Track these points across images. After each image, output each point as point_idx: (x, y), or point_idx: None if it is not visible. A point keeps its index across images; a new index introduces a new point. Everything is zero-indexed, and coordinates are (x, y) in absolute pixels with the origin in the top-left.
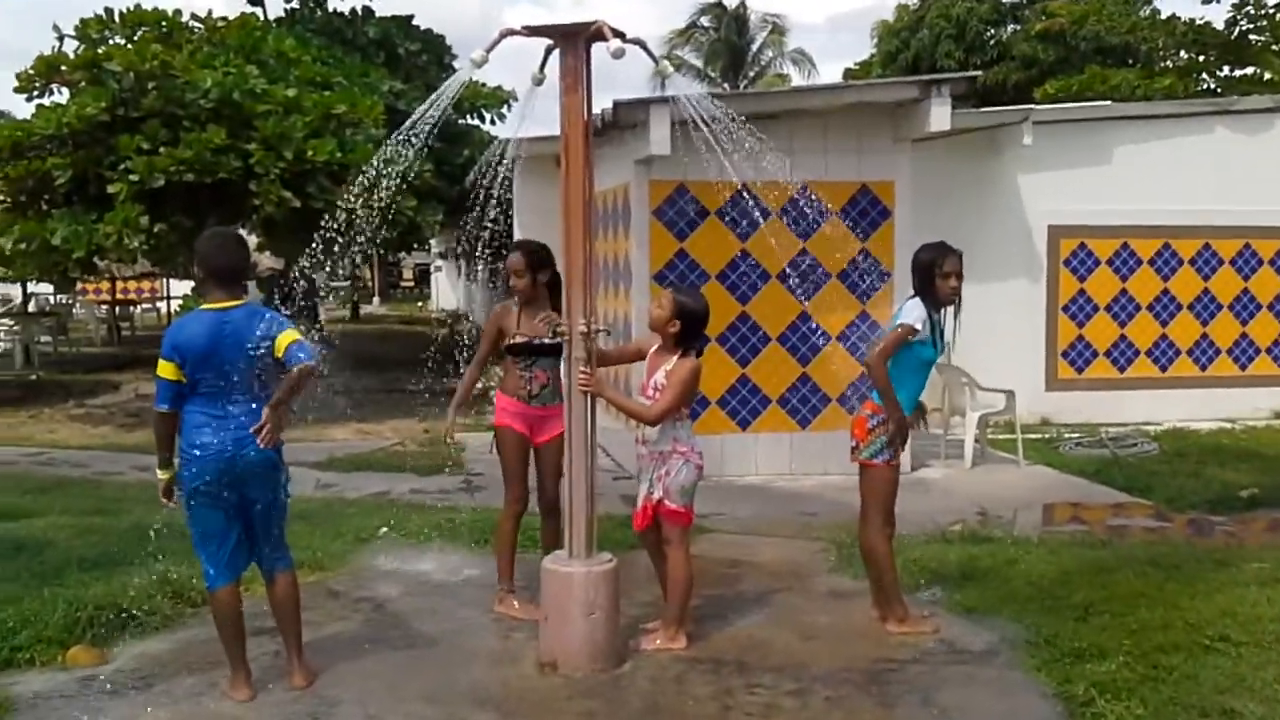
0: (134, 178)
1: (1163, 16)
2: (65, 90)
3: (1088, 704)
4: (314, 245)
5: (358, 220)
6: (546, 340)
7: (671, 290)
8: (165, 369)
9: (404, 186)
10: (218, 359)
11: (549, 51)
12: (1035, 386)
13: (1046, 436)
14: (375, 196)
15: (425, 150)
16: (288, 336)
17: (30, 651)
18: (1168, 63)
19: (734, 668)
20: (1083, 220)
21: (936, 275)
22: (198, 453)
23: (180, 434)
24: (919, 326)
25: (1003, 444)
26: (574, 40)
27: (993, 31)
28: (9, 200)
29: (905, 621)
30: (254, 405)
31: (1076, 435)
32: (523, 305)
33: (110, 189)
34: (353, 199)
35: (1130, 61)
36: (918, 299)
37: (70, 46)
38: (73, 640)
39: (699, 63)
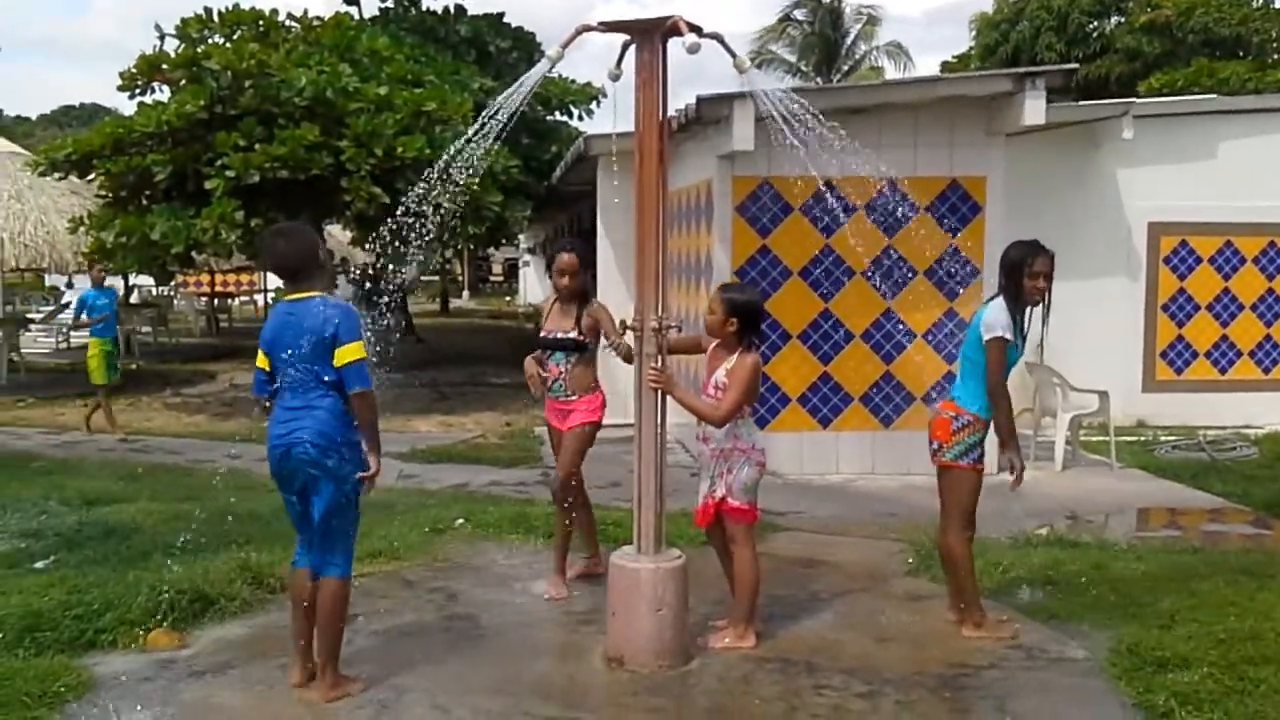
0: (230, 174)
1: (1276, 6)
2: (165, 88)
3: (1168, 715)
4: (396, 238)
5: (435, 212)
6: (559, 335)
7: (719, 290)
8: (259, 357)
9: (489, 181)
10: (280, 349)
11: (625, 47)
12: (1131, 387)
13: (1142, 439)
14: (451, 188)
15: (510, 146)
16: (349, 352)
17: (113, 634)
18: None
19: (803, 668)
20: (1185, 217)
21: (1025, 274)
22: (270, 441)
23: None
24: (1009, 336)
25: (1095, 446)
26: (649, 35)
27: (1095, 24)
28: (110, 195)
29: (982, 626)
30: (310, 402)
31: (1173, 438)
32: (559, 301)
33: (207, 185)
34: (430, 191)
35: (1241, 54)
36: (1000, 300)
37: (171, 45)
38: (154, 624)
39: (792, 57)
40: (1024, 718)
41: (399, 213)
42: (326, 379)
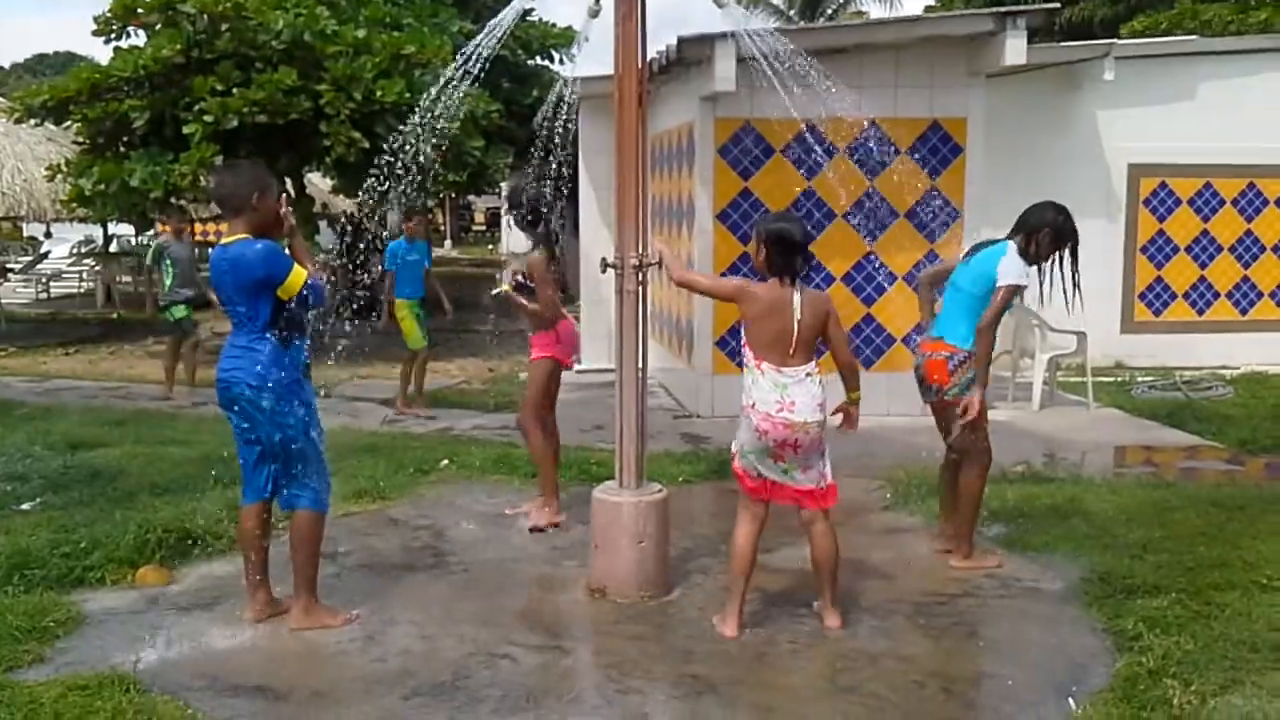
0: (208, 119)
1: None
2: (141, 33)
3: (1136, 638)
4: (377, 186)
5: (415, 158)
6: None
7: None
8: None
9: (470, 126)
10: (220, 293)
11: None
12: (1110, 329)
13: (1119, 380)
14: (431, 133)
15: (492, 91)
16: (292, 284)
17: (102, 571)
18: None
19: (782, 598)
20: (1165, 159)
21: (1057, 240)
22: (217, 375)
23: None
24: (1024, 283)
25: (1073, 387)
26: None
27: None
28: (88, 142)
29: (970, 557)
30: (251, 344)
31: (1150, 379)
32: None
33: (185, 130)
34: (411, 135)
35: None
36: (1014, 248)
37: None
38: (142, 561)
39: (779, 1)
40: (997, 642)
41: (379, 159)
42: (261, 320)
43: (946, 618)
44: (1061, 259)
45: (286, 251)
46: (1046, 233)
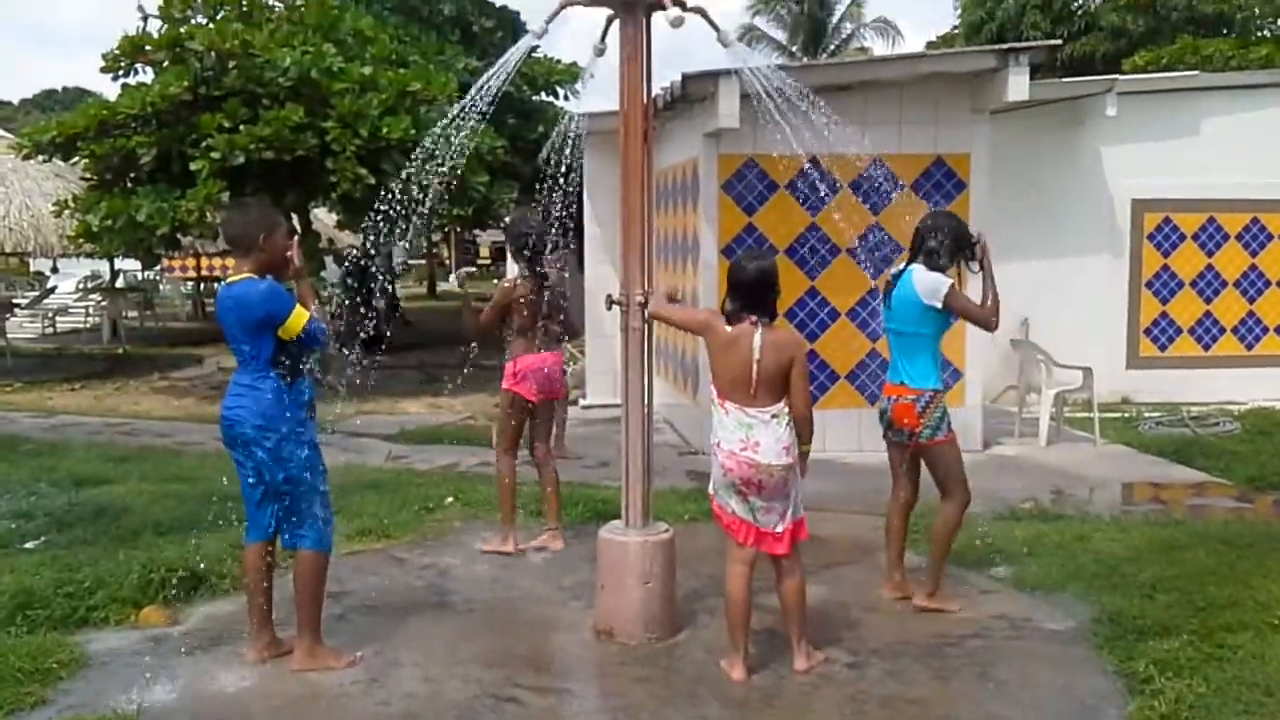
0: (215, 155)
1: None
2: (149, 70)
3: (1148, 681)
4: (381, 218)
5: (421, 193)
6: None
7: None
8: None
9: (475, 162)
10: (225, 331)
11: (610, 21)
12: (1116, 364)
13: (1126, 415)
14: (437, 169)
15: (497, 126)
16: (293, 325)
17: (105, 611)
18: (1264, 32)
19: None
20: (1168, 194)
21: (958, 244)
22: (221, 413)
23: None
24: (950, 281)
25: (1080, 423)
26: (633, 9)
27: (1080, 2)
28: (95, 178)
29: (935, 597)
30: (254, 382)
31: (1157, 414)
32: None
33: (192, 166)
34: (416, 172)
35: (1224, 31)
36: (920, 267)
37: (154, 27)
38: (146, 600)
39: (782, 36)
40: (1007, 684)
41: (385, 195)
42: (266, 358)
43: (956, 659)
44: (969, 261)
45: (292, 291)
46: (942, 241)
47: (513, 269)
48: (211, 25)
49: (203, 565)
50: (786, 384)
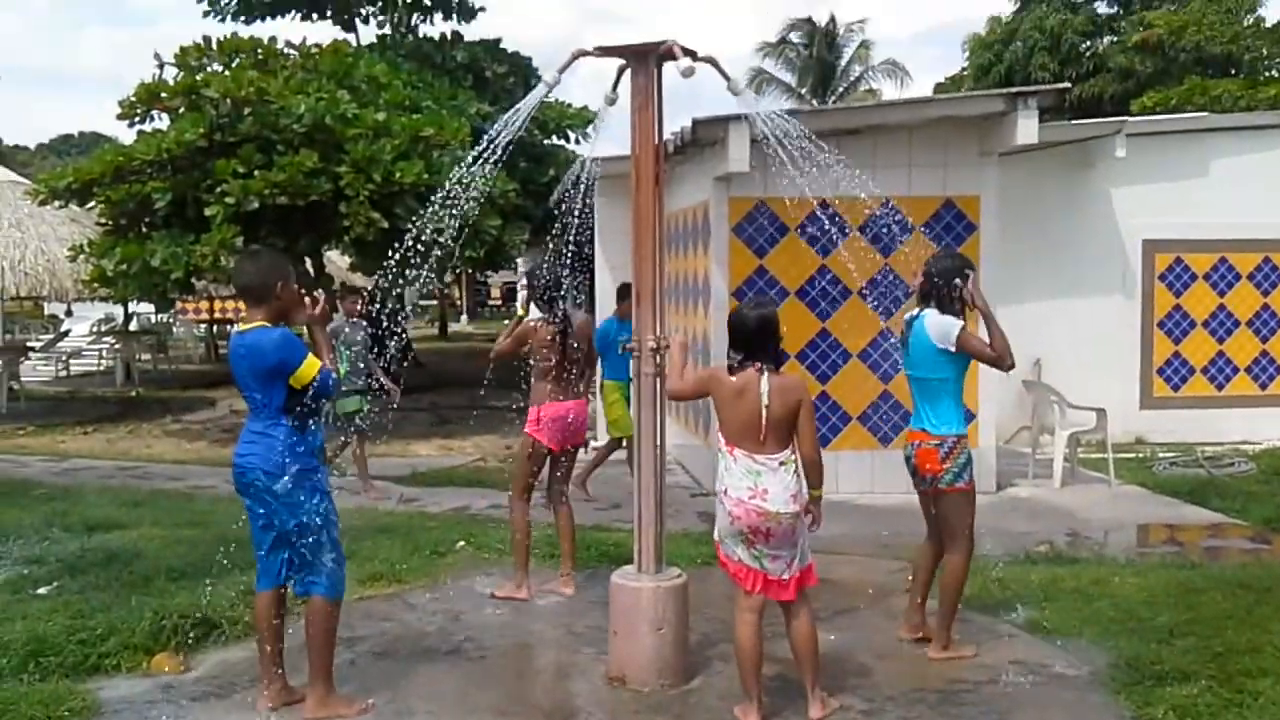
0: (230, 200)
1: (1268, 25)
2: (165, 116)
3: None
4: (396, 262)
5: (434, 237)
6: None
7: None
8: None
9: (488, 205)
10: (237, 379)
11: (621, 71)
12: (1129, 405)
13: (1140, 456)
14: (453, 212)
15: (509, 169)
16: (305, 374)
17: (117, 658)
18: (1273, 72)
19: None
20: (1179, 234)
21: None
22: (233, 460)
23: None
24: (961, 322)
25: (1094, 463)
26: (644, 60)
27: (1088, 44)
28: (111, 223)
29: (949, 648)
30: (266, 430)
31: (1171, 455)
32: None
33: (207, 211)
34: (430, 217)
35: (1233, 72)
36: (933, 311)
37: (170, 74)
38: (158, 647)
39: (791, 79)
40: None
41: (398, 240)
42: (277, 406)
43: (973, 705)
44: (954, 302)
45: (304, 338)
46: (950, 282)
47: (533, 312)
48: (227, 73)
49: (215, 611)
50: (794, 428)
